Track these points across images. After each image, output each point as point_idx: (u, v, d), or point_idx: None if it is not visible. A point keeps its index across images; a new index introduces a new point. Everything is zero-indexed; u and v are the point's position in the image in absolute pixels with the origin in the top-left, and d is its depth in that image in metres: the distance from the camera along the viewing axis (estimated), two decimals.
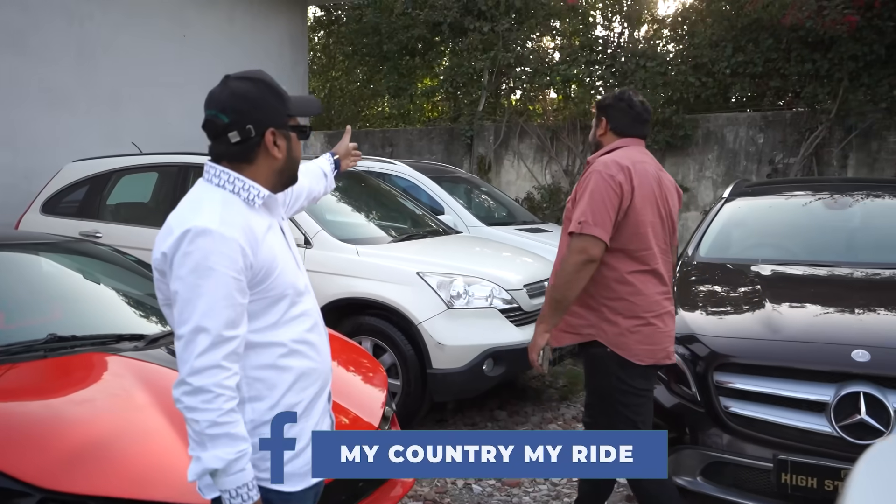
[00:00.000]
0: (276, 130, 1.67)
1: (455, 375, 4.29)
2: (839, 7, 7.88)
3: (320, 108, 1.88)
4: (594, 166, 2.67)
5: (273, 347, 1.68)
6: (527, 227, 7.18)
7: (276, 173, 1.75)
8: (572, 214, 2.64)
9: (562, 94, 9.81)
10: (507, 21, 9.53)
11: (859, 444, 2.79)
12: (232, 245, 1.55)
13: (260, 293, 1.65)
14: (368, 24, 10.73)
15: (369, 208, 5.63)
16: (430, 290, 4.39)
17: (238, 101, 1.65)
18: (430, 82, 11.42)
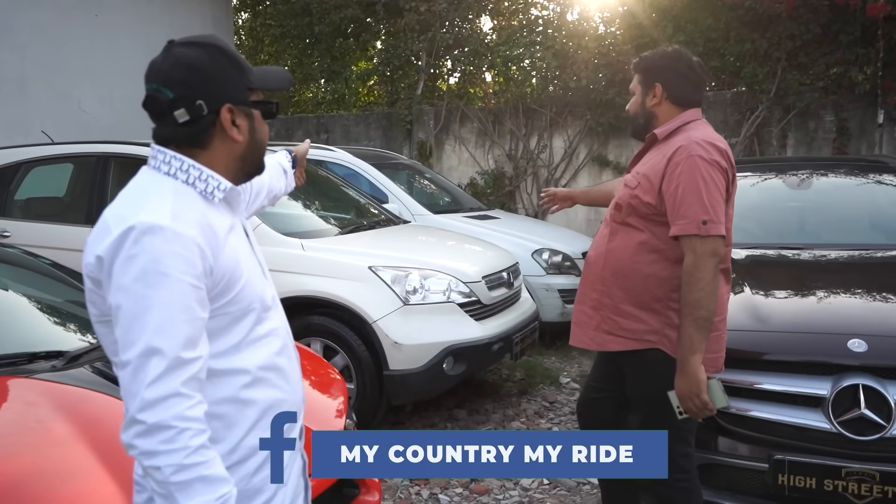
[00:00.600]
0: (234, 107, 1.37)
1: (413, 376, 4.01)
2: None
3: (289, 80, 1.55)
4: (690, 149, 2.19)
5: (234, 376, 1.37)
6: (474, 214, 6.94)
7: (237, 160, 1.44)
8: (670, 210, 2.20)
9: (502, 76, 9.57)
10: (444, 0, 9.21)
11: (860, 440, 2.63)
12: (188, 244, 1.25)
13: (220, 309, 1.34)
14: (298, 5, 10.31)
15: (311, 199, 5.28)
16: (383, 286, 4.09)
17: (185, 71, 1.34)
18: (365, 65, 11.09)
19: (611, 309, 2.38)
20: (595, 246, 2.51)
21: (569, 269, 6.25)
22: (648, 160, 2.38)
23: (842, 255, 3.75)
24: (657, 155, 2.33)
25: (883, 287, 3.27)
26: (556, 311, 6.04)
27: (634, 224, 2.33)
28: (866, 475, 2.60)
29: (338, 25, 9.89)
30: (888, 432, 2.60)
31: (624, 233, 2.35)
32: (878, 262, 3.67)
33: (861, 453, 2.63)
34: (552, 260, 6.20)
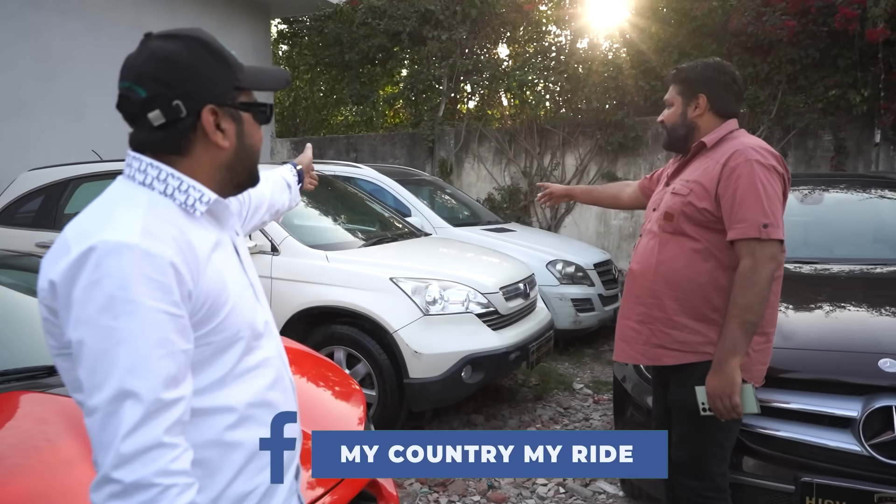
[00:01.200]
0: (218, 108, 1.08)
1: (433, 384, 3.72)
2: (778, 13, 7.58)
3: (286, 79, 1.25)
4: (747, 154, 1.96)
5: (217, 415, 1.08)
6: (492, 227, 6.65)
7: (222, 169, 1.14)
8: (728, 214, 1.96)
9: (518, 98, 9.30)
10: (464, 30, 8.98)
11: (893, 464, 2.29)
12: (162, 266, 0.97)
13: (202, 338, 1.05)
14: (330, 36, 10.14)
15: (337, 212, 5.02)
16: (404, 297, 3.81)
17: (160, 66, 1.05)
18: (391, 90, 10.85)
19: (662, 322, 2.10)
20: (639, 258, 2.21)
21: (581, 280, 5.95)
22: (697, 168, 2.11)
23: (861, 270, 3.40)
24: (707, 162, 2.07)
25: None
26: (569, 320, 5.74)
27: (689, 232, 2.06)
28: None
29: (366, 54, 9.68)
30: None
31: (676, 242, 2.08)
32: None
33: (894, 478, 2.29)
34: (565, 271, 5.89)
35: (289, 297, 3.96)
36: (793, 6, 7.56)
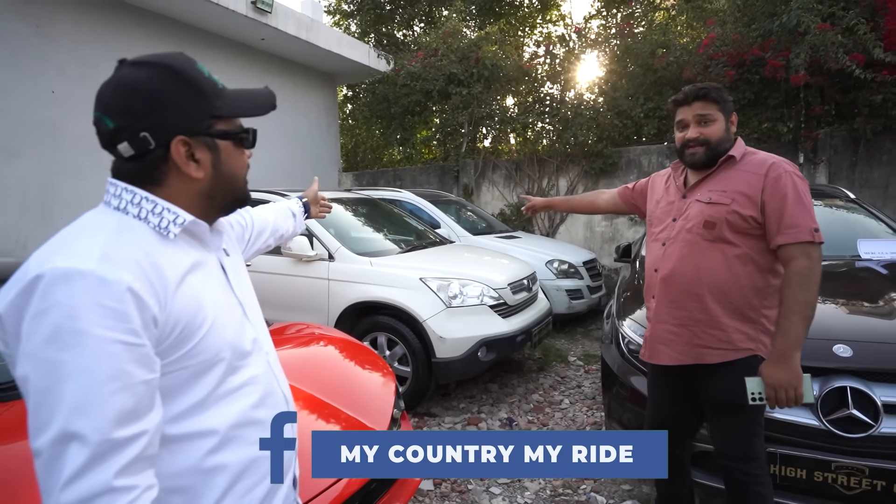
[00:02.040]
0: (190, 139, 0.77)
1: (455, 363, 3.39)
2: (720, 65, 7.16)
3: (270, 104, 0.90)
4: (783, 166, 1.65)
5: (196, 440, 0.76)
6: (502, 234, 6.31)
7: (201, 197, 0.83)
8: (776, 220, 1.60)
9: (521, 137, 8.93)
10: (479, 86, 8.67)
11: (848, 437, 1.90)
12: (117, 292, 0.68)
13: (175, 363, 0.74)
14: (380, 95, 9.87)
15: (381, 227, 4.71)
16: (431, 293, 3.49)
17: (126, 96, 0.75)
18: (425, 133, 10.54)
19: (706, 323, 1.71)
20: (673, 265, 1.76)
21: (573, 274, 5.59)
22: (729, 180, 1.70)
23: None
24: (737, 174, 1.69)
25: (857, 295, 2.49)
26: (564, 306, 5.36)
27: (730, 239, 1.68)
28: (856, 469, 1.87)
29: (407, 107, 9.39)
30: (876, 430, 1.87)
31: (717, 249, 1.69)
32: (845, 273, 2.85)
33: (850, 448, 1.89)
34: (560, 267, 5.51)
35: (342, 294, 3.67)
36: (732, 59, 7.15)
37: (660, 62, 7.63)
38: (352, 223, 4.54)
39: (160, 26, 6.99)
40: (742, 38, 7.11)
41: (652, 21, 10.43)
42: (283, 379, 0.98)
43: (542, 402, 3.70)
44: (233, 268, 0.95)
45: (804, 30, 6.39)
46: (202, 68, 0.84)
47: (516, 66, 8.87)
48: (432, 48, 9.15)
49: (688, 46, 7.63)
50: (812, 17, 6.34)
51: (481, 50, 8.84)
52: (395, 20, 13.35)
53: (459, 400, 3.75)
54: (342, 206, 4.70)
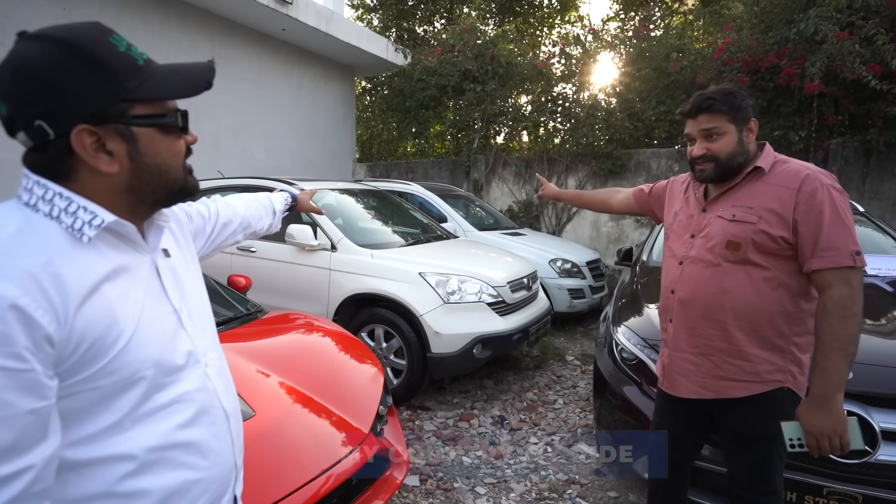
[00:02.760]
0: (96, 128, 0.63)
1: (450, 358, 3.29)
2: (734, 71, 6.87)
3: (207, 79, 0.74)
4: (820, 179, 1.38)
5: (109, 466, 0.65)
6: (508, 231, 6.16)
7: (122, 193, 0.69)
8: (811, 241, 1.36)
9: (532, 135, 8.76)
10: (493, 83, 8.50)
11: (843, 463, 1.76)
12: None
13: (84, 382, 0.62)
14: (396, 89, 9.74)
15: (387, 219, 4.60)
16: (429, 288, 3.39)
17: (14, 79, 0.61)
18: (439, 128, 10.38)
19: (729, 353, 1.48)
20: (692, 288, 1.53)
21: (575, 274, 5.44)
22: (757, 194, 1.44)
23: None
24: (768, 188, 1.43)
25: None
26: (565, 305, 5.23)
27: (757, 261, 1.43)
28: (849, 496, 1.74)
29: (422, 101, 9.25)
30: (873, 457, 1.73)
31: (743, 271, 1.45)
32: None
33: (844, 475, 1.76)
34: (563, 266, 5.38)
35: (342, 284, 3.59)
36: (746, 66, 6.90)
37: (673, 66, 7.40)
38: (360, 214, 4.45)
39: (182, 13, 6.92)
40: (758, 44, 6.86)
41: (669, 25, 10.15)
42: (227, 392, 0.86)
43: (536, 402, 3.59)
44: (171, 270, 0.82)
45: (821, 38, 6.14)
46: (117, 41, 0.69)
47: (531, 65, 8.68)
48: (449, 44, 9.00)
49: (703, 51, 7.38)
50: (830, 25, 6.09)
51: (497, 48, 8.66)
52: (417, 16, 13.18)
53: (454, 394, 3.66)
54: (351, 196, 4.61)
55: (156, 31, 6.62)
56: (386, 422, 2.26)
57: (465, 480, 2.59)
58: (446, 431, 3.09)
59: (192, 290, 0.86)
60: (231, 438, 0.84)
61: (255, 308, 2.77)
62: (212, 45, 7.36)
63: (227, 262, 4.06)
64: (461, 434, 3.06)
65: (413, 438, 2.99)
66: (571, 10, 12.52)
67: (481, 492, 2.50)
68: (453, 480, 2.59)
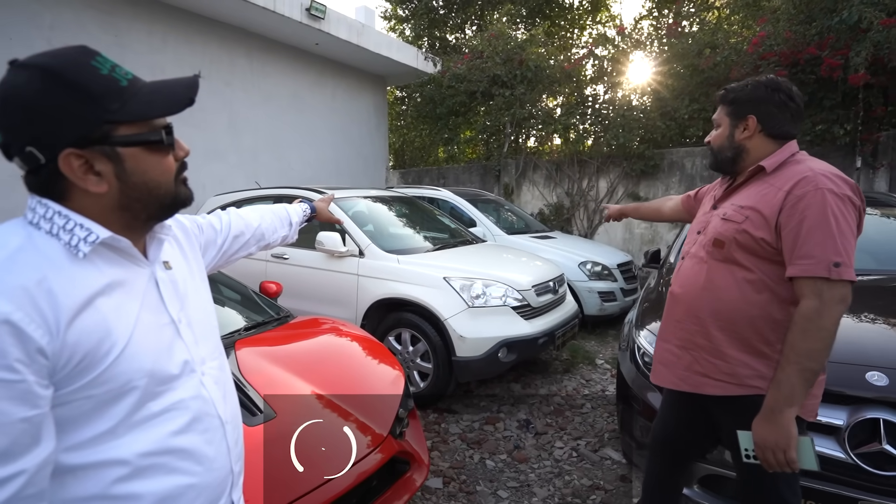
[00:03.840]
0: (82, 151, 0.66)
1: (475, 362, 3.28)
2: (771, 65, 6.58)
3: (189, 96, 0.75)
4: (818, 182, 1.28)
5: (103, 470, 0.67)
6: (537, 234, 6.09)
7: (116, 210, 0.72)
8: (790, 247, 1.30)
9: (563, 138, 8.64)
10: (522, 87, 8.44)
11: (880, 475, 1.66)
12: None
13: (78, 392, 0.65)
14: (427, 96, 9.78)
15: (416, 225, 4.63)
16: (453, 292, 3.39)
17: (5, 109, 0.65)
18: (469, 133, 10.36)
19: (707, 350, 1.46)
20: (683, 282, 1.55)
21: (606, 276, 5.33)
22: (753, 194, 1.42)
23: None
24: (765, 188, 1.39)
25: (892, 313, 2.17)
26: (595, 308, 5.14)
27: (741, 261, 1.40)
28: None
29: (452, 108, 9.28)
30: None
31: (726, 270, 1.43)
32: (884, 288, 2.50)
33: (881, 487, 1.65)
34: (594, 269, 5.28)
35: (370, 290, 3.63)
36: (784, 59, 6.59)
37: (706, 62, 7.16)
38: (389, 220, 4.50)
39: (221, 32, 7.19)
40: (796, 36, 6.55)
41: (704, 20, 9.84)
42: (224, 400, 0.88)
43: (563, 406, 3.53)
44: (171, 282, 0.84)
45: (866, 26, 5.82)
46: (100, 64, 0.71)
47: (560, 68, 8.59)
48: (478, 50, 9.00)
49: (737, 46, 7.11)
50: (876, 11, 5.76)
51: (526, 52, 8.60)
52: (448, 24, 13.25)
53: (481, 398, 3.64)
54: (382, 203, 4.67)
55: (198, 51, 6.90)
56: (407, 424, 2.27)
57: (487, 484, 2.58)
58: (471, 434, 3.08)
59: (194, 300, 0.88)
60: (227, 445, 0.85)
61: (284, 313, 2.84)
62: (249, 61, 7.61)
63: (261, 269, 4.18)
64: (486, 437, 3.04)
65: (438, 441, 3.00)
66: (603, 11, 12.33)
67: (503, 496, 2.48)
68: (476, 483, 2.58)
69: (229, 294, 2.94)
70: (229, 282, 3.06)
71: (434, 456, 2.83)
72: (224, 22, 7.19)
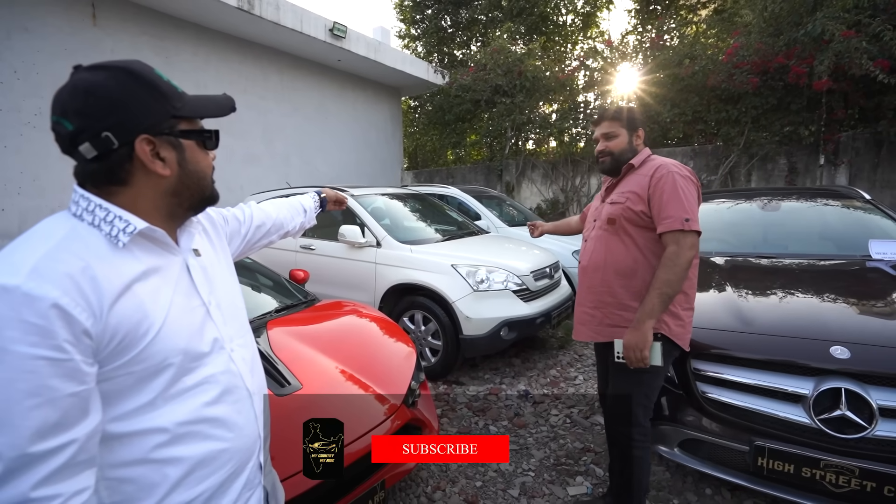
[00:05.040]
0: (154, 138, 0.66)
1: (479, 339, 3.25)
2: (744, 73, 6.45)
3: (231, 106, 0.79)
4: (668, 168, 1.62)
5: (145, 437, 0.66)
6: None
7: (167, 195, 0.72)
8: (657, 213, 1.59)
9: (558, 140, 8.53)
10: (522, 96, 8.33)
11: (840, 437, 1.61)
12: (41, 308, 0.59)
13: (118, 369, 0.63)
14: (437, 105, 9.70)
15: (426, 218, 4.59)
16: (460, 278, 3.36)
17: (84, 98, 0.63)
18: (474, 137, 10.26)
19: (614, 305, 1.69)
20: (589, 256, 1.79)
21: None
22: (628, 184, 1.71)
23: (809, 263, 2.57)
24: (636, 177, 1.69)
25: (862, 296, 2.09)
26: None
27: (629, 232, 1.67)
28: (845, 469, 1.59)
29: (458, 115, 9.19)
30: (869, 433, 1.58)
31: (619, 240, 1.69)
32: (852, 273, 2.42)
33: (841, 448, 1.61)
34: None
35: (386, 276, 3.61)
36: (756, 67, 6.46)
37: (686, 71, 7.01)
38: (403, 214, 4.47)
39: (256, 53, 7.16)
40: (766, 47, 6.39)
41: (683, 35, 9.62)
42: (252, 373, 0.86)
43: (559, 378, 3.50)
44: (202, 268, 0.82)
45: (829, 38, 5.66)
46: (160, 74, 0.74)
47: (555, 78, 8.45)
48: (482, 63, 8.88)
49: (713, 56, 6.95)
50: (837, 25, 5.60)
51: (524, 64, 8.47)
52: (455, 41, 13.09)
53: (485, 371, 3.62)
54: (397, 200, 4.64)
55: (235, 69, 6.88)
56: (419, 395, 2.25)
57: None
58: (477, 403, 3.07)
59: (222, 284, 0.87)
60: (255, 414, 0.84)
61: (310, 297, 2.82)
62: (281, 77, 7.58)
63: (291, 259, 4.17)
64: (490, 406, 3.02)
65: (447, 409, 2.98)
66: (593, 27, 12.10)
67: None
68: None
69: (263, 280, 2.93)
70: (263, 269, 3.05)
71: (443, 422, 2.82)
72: (258, 43, 7.15)
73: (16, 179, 4.97)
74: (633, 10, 11.04)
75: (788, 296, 2.14)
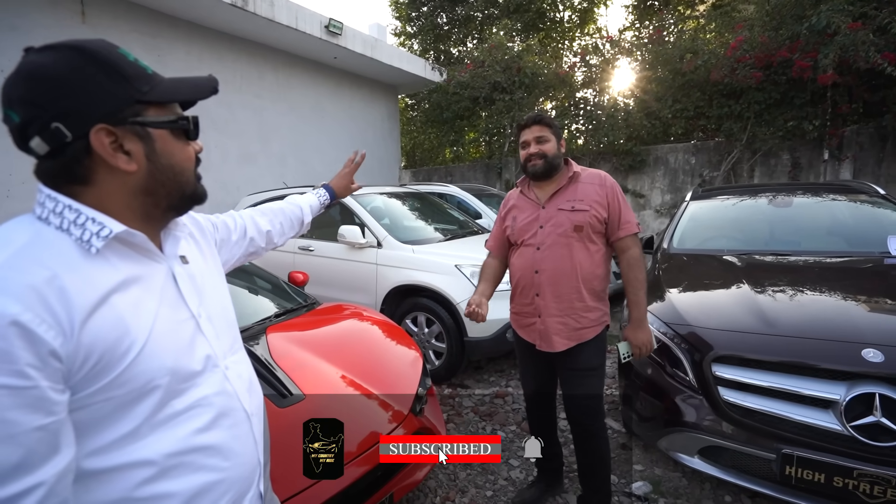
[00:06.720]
0: (114, 128, 0.55)
1: (484, 342, 3.16)
2: (747, 68, 6.36)
3: (214, 87, 0.68)
4: (609, 178, 1.78)
5: (128, 472, 0.54)
6: None
7: (139, 195, 0.60)
8: (616, 218, 1.72)
9: None
10: (521, 92, 8.25)
11: (875, 445, 1.53)
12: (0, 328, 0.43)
13: (96, 394, 0.52)
14: (435, 102, 9.59)
15: (427, 217, 4.50)
16: (464, 278, 3.27)
17: (28, 85, 0.52)
18: (473, 135, 10.17)
19: (581, 309, 1.74)
20: (551, 264, 1.74)
21: None
22: (578, 192, 1.74)
23: (829, 262, 2.47)
24: (585, 186, 1.75)
25: (882, 293, 2.00)
26: None
27: (593, 238, 1.74)
28: (880, 478, 1.50)
29: (456, 112, 9.09)
30: None
31: (583, 246, 1.73)
32: (874, 271, 2.32)
33: (875, 457, 1.53)
34: None
35: (388, 277, 3.52)
36: (759, 62, 6.38)
37: (688, 66, 6.94)
38: (403, 214, 4.38)
39: (251, 50, 7.04)
40: (769, 41, 6.32)
41: (682, 30, 9.55)
42: (249, 393, 0.76)
43: None
44: (189, 276, 0.73)
45: (834, 31, 5.59)
46: (125, 53, 0.63)
47: (553, 74, 8.37)
48: (479, 60, 8.79)
49: (716, 50, 6.88)
50: (843, 17, 5.53)
51: (522, 61, 8.38)
52: (452, 38, 12.99)
53: (490, 374, 3.53)
54: (396, 199, 4.54)
55: (229, 67, 6.76)
56: (426, 402, 2.17)
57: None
58: (483, 407, 2.98)
59: (213, 294, 0.77)
60: (254, 438, 0.75)
61: (311, 300, 2.73)
62: (276, 75, 7.47)
63: (289, 260, 4.08)
64: (496, 410, 2.94)
65: (453, 414, 2.90)
66: (590, 23, 12.02)
67: (514, 464, 2.38)
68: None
69: (261, 283, 2.83)
70: (260, 272, 2.95)
71: (450, 428, 2.73)
72: (252, 40, 7.04)
73: (5, 182, 4.85)
74: (630, 5, 10.96)
75: (811, 295, 2.06)
